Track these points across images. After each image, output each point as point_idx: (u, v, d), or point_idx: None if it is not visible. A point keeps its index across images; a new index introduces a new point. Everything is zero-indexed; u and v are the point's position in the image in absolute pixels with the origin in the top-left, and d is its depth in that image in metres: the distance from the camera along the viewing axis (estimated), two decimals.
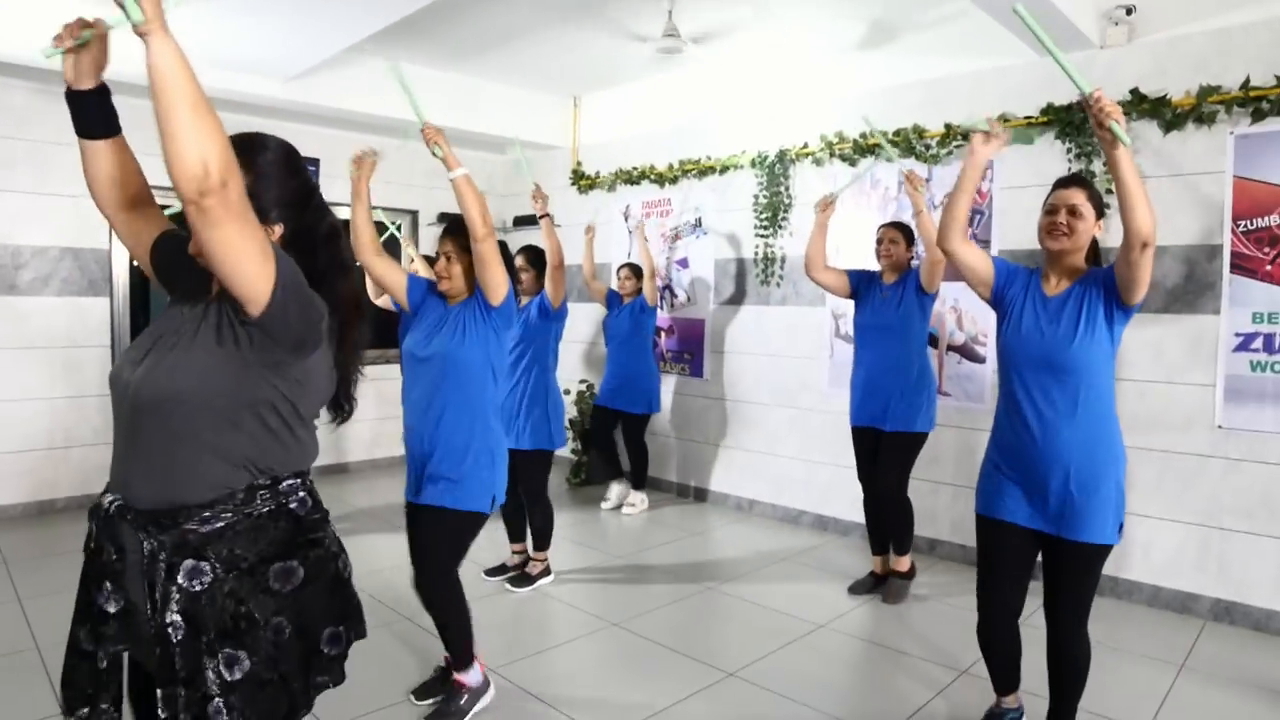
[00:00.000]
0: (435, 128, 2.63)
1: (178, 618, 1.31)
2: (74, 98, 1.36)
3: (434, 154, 2.61)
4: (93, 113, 1.38)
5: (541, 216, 4.05)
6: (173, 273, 1.53)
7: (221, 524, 1.35)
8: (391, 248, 3.81)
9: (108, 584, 1.41)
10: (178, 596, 1.32)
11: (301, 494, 1.46)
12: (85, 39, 1.29)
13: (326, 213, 1.54)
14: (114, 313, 5.38)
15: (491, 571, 4.09)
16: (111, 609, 1.41)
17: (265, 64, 4.78)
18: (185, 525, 1.34)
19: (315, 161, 6.12)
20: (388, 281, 2.76)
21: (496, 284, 2.60)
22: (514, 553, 4.12)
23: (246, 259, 1.24)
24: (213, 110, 1.18)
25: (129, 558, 1.39)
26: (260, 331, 1.33)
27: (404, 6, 3.89)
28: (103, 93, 1.37)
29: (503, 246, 2.76)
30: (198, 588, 1.33)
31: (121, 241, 1.56)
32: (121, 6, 1.12)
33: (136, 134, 1.52)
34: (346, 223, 2.66)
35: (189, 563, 1.33)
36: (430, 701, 2.78)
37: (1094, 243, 2.35)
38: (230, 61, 4.70)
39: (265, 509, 1.40)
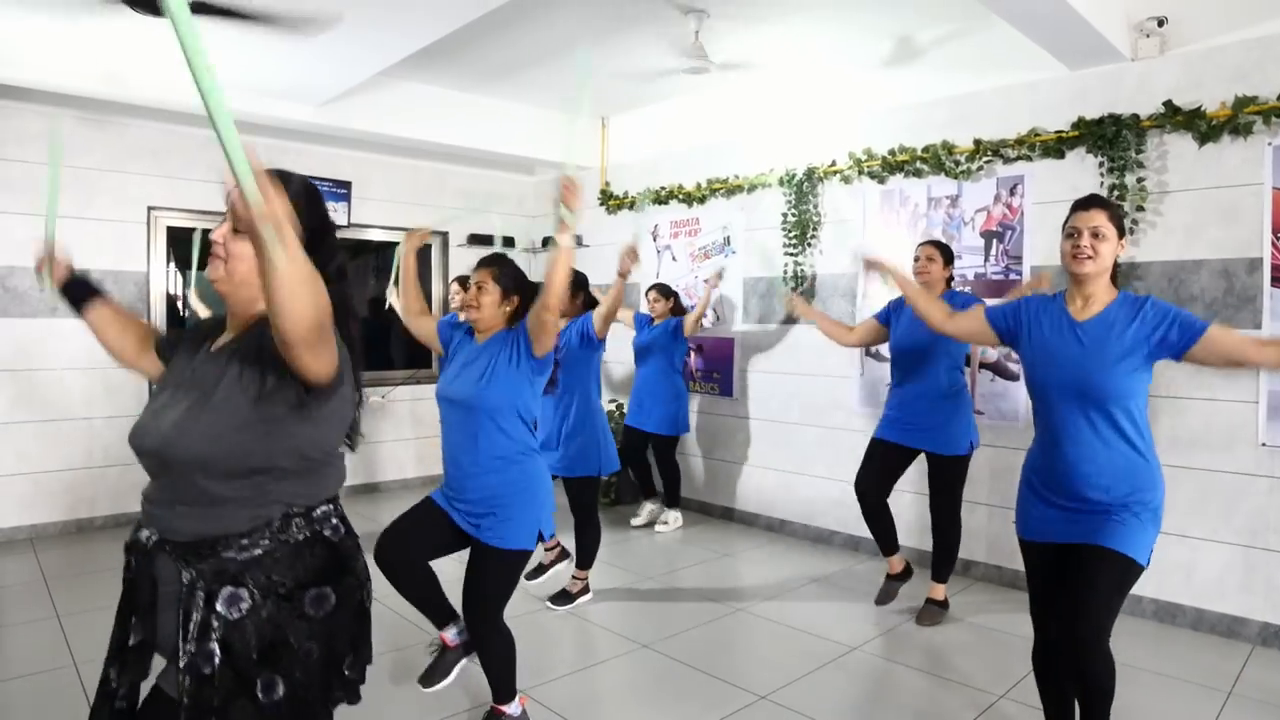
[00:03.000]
0: (576, 183, 2.26)
1: (215, 645, 1.33)
2: (64, 292, 1.83)
3: (561, 212, 2.25)
4: (77, 292, 1.84)
5: (621, 275, 3.67)
6: (173, 349, 1.67)
7: (260, 551, 1.38)
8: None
9: (133, 618, 1.45)
10: (217, 625, 1.33)
11: (334, 521, 1.49)
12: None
13: (338, 253, 1.56)
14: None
15: (530, 574, 4.06)
16: (131, 641, 1.45)
17: (298, 89, 4.87)
18: (224, 553, 1.36)
19: (347, 184, 6.23)
20: (427, 338, 2.90)
21: (549, 342, 2.58)
22: (546, 550, 4.11)
23: (330, 360, 1.33)
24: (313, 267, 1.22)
25: (161, 589, 1.42)
26: (308, 390, 1.36)
27: (434, 31, 3.95)
28: (77, 279, 1.86)
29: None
30: (236, 615, 1.34)
31: (139, 372, 1.80)
32: (239, 185, 1.10)
33: (170, 160, 1.55)
34: (386, 246, 2.75)
35: (227, 590, 1.35)
36: (439, 688, 2.78)
37: (1114, 262, 2.30)
38: (264, 87, 4.79)
39: (301, 536, 1.43)
